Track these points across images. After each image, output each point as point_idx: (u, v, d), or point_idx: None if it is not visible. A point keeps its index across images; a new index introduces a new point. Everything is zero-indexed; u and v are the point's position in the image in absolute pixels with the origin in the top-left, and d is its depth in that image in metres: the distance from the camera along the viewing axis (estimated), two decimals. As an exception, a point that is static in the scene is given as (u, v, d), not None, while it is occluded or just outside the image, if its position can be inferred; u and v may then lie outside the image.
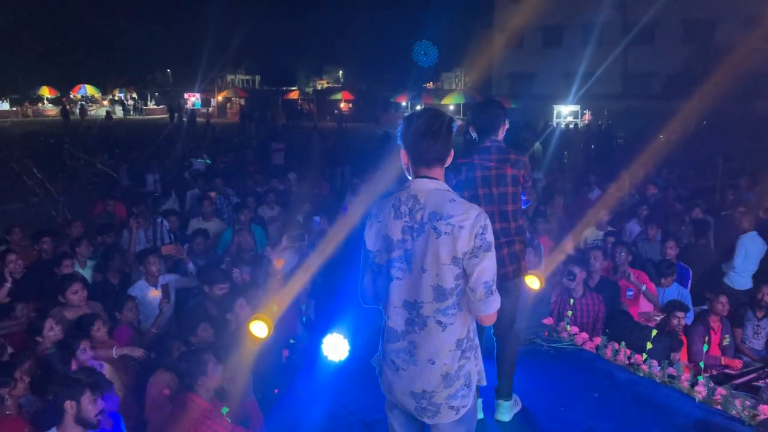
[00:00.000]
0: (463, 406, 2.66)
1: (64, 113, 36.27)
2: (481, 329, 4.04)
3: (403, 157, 2.71)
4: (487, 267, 2.56)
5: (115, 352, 4.67)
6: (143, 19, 42.19)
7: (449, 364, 2.60)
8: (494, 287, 2.60)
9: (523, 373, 4.34)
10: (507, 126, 3.94)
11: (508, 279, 3.90)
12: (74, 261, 6.21)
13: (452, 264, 2.53)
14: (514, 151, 3.90)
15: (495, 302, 2.62)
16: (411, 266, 2.58)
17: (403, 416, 2.79)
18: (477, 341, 2.76)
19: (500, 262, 3.75)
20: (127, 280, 6.36)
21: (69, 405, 3.36)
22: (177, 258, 6.67)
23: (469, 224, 2.51)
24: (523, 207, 4.03)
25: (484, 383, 2.81)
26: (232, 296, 5.28)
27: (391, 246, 2.62)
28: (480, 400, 4.17)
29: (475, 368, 2.72)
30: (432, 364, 2.60)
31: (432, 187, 2.62)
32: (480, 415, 4.18)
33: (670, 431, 4.11)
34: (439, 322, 2.57)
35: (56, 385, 3.47)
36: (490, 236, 2.58)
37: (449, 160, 2.72)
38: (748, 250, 7.29)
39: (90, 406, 3.39)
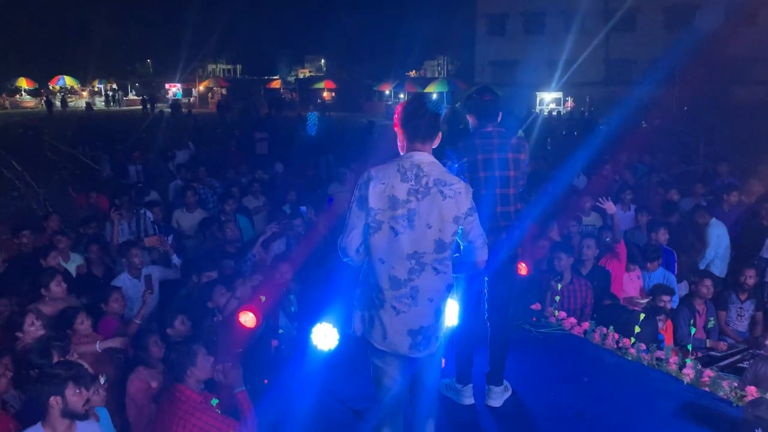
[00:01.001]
0: (440, 338, 3.22)
1: (48, 104, 35.80)
2: (474, 321, 4.07)
3: (399, 138, 3.19)
4: (478, 223, 3.16)
5: (99, 347, 4.60)
6: (123, 8, 41.61)
7: (442, 303, 3.14)
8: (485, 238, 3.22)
9: (512, 358, 4.35)
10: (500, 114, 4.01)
11: (504, 264, 3.93)
12: (59, 253, 6.10)
13: (453, 222, 3.04)
14: (516, 136, 4.02)
15: (486, 250, 3.24)
16: (413, 223, 3.01)
17: (397, 360, 3.17)
18: None
19: (497, 247, 3.81)
20: (111, 273, 6.29)
21: (54, 401, 3.29)
22: (161, 250, 6.60)
23: (464, 190, 3.07)
24: (519, 191, 4.08)
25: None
26: (215, 284, 5.24)
27: (396, 204, 3.00)
28: (470, 386, 4.19)
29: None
30: (431, 302, 3.08)
31: (430, 159, 3.10)
32: (470, 401, 4.19)
33: (659, 414, 4.14)
34: (436, 269, 3.06)
35: (37, 382, 3.39)
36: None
37: (437, 141, 3.16)
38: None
39: (75, 398, 3.33)
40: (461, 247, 3.20)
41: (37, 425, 3.32)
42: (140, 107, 37.75)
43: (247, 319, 4.34)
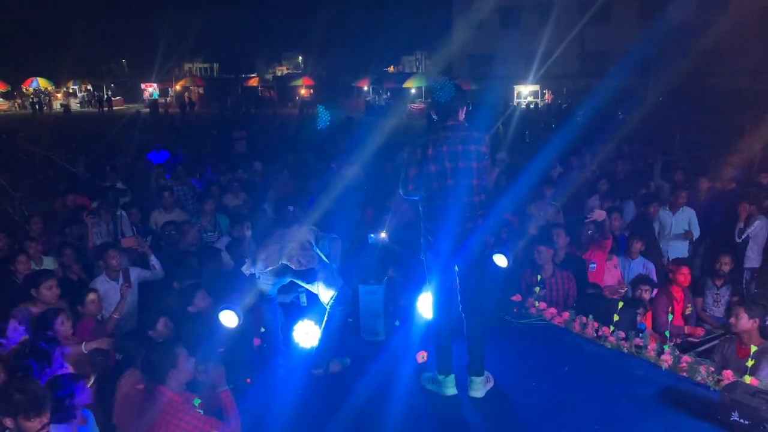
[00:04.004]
0: None
1: (33, 106, 35.54)
2: (447, 312, 4.12)
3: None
4: None
5: (84, 348, 4.56)
6: (97, 7, 41.07)
7: None
8: None
9: (493, 350, 4.39)
10: (466, 108, 4.14)
11: (471, 254, 4.02)
12: (29, 258, 6.00)
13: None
14: (476, 129, 4.13)
15: None
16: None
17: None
18: None
19: (462, 236, 3.96)
20: (89, 276, 6.21)
21: (8, 421, 3.25)
22: (140, 251, 6.52)
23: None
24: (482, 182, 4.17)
25: None
26: (196, 289, 5.20)
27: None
28: (453, 376, 4.21)
29: None
30: None
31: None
32: (453, 391, 4.22)
33: (639, 400, 4.20)
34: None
35: None
36: None
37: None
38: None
39: (29, 423, 3.28)
40: None
41: None
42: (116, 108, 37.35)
43: (228, 318, 4.32)
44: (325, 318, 4.58)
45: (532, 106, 29.29)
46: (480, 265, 4.16)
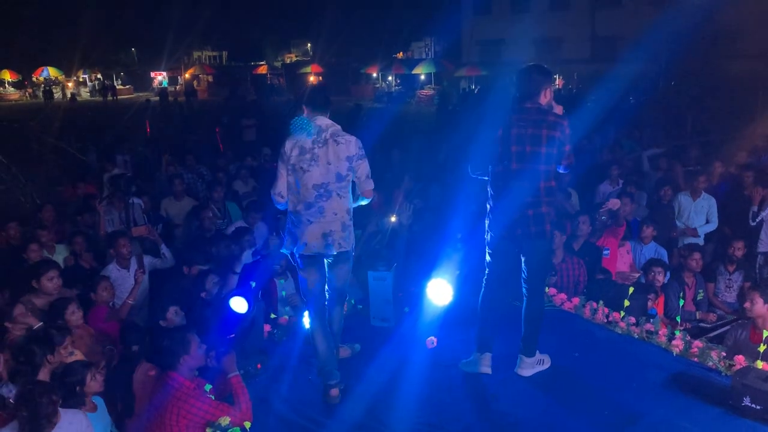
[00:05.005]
0: (346, 245, 4.12)
1: (45, 95, 35.64)
2: (497, 291, 4.22)
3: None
4: (365, 164, 4.15)
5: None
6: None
7: (346, 217, 4.08)
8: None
9: (504, 334, 4.39)
10: (550, 92, 4.08)
11: (531, 239, 4.01)
12: (41, 246, 6.04)
13: (346, 161, 4.07)
14: (554, 114, 4.03)
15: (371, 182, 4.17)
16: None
17: (315, 261, 4.13)
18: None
19: (524, 222, 3.95)
20: (101, 264, 6.25)
21: None
22: (150, 239, 6.55)
23: (353, 140, 4.11)
24: (560, 171, 4.14)
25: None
26: (207, 274, 5.23)
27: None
28: (489, 355, 4.26)
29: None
30: (335, 215, 4.02)
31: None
32: (488, 371, 4.26)
33: (649, 385, 4.18)
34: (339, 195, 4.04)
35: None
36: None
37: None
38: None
39: None
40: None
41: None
42: (126, 96, 37.44)
43: (238, 304, 4.34)
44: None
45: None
46: (539, 251, 4.15)
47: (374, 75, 41.75)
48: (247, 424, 3.74)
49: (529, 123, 3.95)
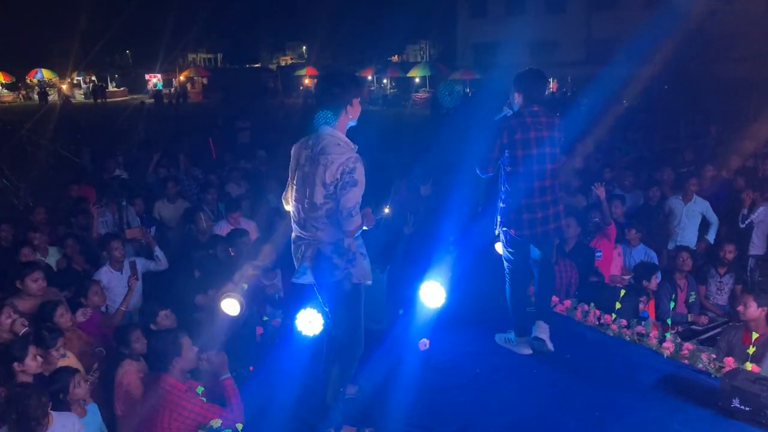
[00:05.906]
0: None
1: (42, 96, 36.11)
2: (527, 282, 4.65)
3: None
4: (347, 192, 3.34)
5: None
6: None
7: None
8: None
9: (494, 338, 4.40)
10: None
11: (549, 235, 4.40)
12: (34, 249, 6.00)
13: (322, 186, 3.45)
14: (556, 116, 4.40)
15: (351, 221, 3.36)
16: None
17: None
18: None
19: (544, 221, 4.31)
20: (94, 266, 6.23)
21: None
22: (143, 242, 6.54)
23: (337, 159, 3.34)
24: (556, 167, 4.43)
25: None
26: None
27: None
28: (528, 338, 4.60)
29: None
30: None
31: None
32: (529, 351, 4.59)
33: (640, 387, 4.21)
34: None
35: None
36: None
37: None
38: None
39: None
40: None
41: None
42: (120, 98, 37.39)
43: (230, 306, 4.34)
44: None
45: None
46: (549, 245, 4.55)
47: (369, 77, 41.78)
48: (239, 426, 3.75)
49: (533, 126, 4.22)
